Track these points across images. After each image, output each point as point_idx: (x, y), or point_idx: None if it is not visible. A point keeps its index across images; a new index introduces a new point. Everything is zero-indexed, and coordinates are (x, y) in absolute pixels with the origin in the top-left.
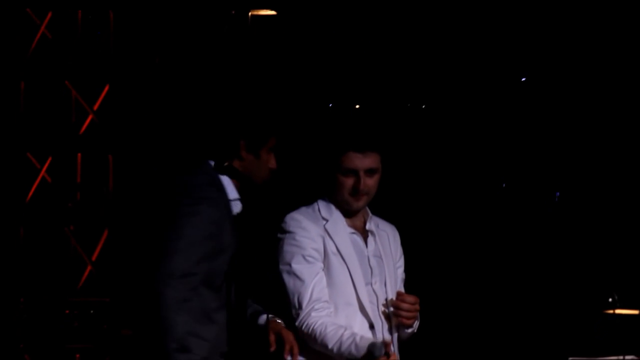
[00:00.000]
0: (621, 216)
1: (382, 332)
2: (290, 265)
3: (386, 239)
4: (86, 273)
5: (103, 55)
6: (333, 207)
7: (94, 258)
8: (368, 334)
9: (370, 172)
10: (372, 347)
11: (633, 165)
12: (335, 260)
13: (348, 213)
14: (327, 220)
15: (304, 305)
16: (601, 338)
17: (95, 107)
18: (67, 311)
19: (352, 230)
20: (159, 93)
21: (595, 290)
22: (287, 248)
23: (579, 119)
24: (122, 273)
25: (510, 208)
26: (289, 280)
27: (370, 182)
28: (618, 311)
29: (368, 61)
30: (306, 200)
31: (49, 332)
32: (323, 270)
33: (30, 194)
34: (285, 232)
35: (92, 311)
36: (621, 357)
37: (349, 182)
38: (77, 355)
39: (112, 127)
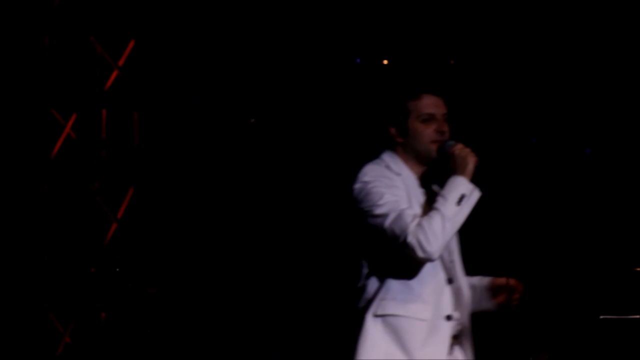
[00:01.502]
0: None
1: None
2: (381, 201)
3: None
4: (111, 231)
5: (128, 11)
6: (401, 163)
7: (119, 216)
8: (447, 290)
9: (446, 118)
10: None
11: None
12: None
13: (419, 171)
14: (400, 175)
15: (409, 219)
16: None
17: (121, 63)
18: (92, 269)
19: (422, 190)
20: (187, 49)
21: (627, 248)
22: (375, 190)
23: (612, 72)
24: (148, 231)
25: (540, 164)
26: (384, 209)
27: (448, 130)
28: None
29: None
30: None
31: (74, 291)
32: None
33: (55, 150)
34: (366, 181)
35: (117, 269)
36: None
37: (430, 128)
38: (103, 314)
39: (137, 83)
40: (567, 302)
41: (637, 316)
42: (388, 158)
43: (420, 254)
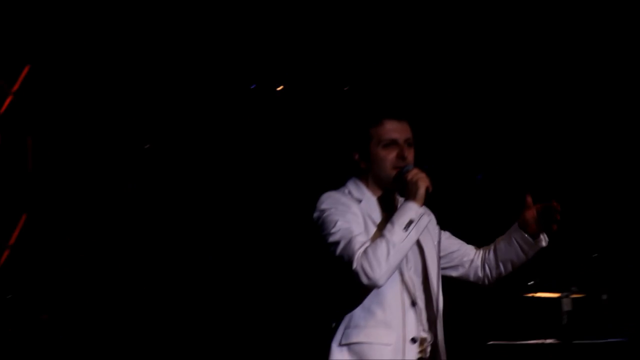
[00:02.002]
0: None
1: (422, 312)
2: (334, 229)
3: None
4: (3, 257)
5: (22, 36)
6: (364, 188)
7: (11, 242)
8: (411, 312)
9: (409, 143)
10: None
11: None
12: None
13: (382, 195)
14: (360, 201)
15: (356, 247)
16: None
17: (15, 89)
18: None
19: (384, 215)
20: (82, 73)
21: (516, 274)
22: (329, 219)
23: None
24: (41, 257)
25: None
26: (336, 236)
27: (411, 155)
28: (538, 294)
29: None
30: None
31: None
32: None
33: None
34: (323, 209)
35: (9, 296)
36: (541, 341)
37: (391, 154)
38: None
39: (31, 108)
40: (456, 327)
41: (525, 342)
42: (351, 184)
43: (364, 280)
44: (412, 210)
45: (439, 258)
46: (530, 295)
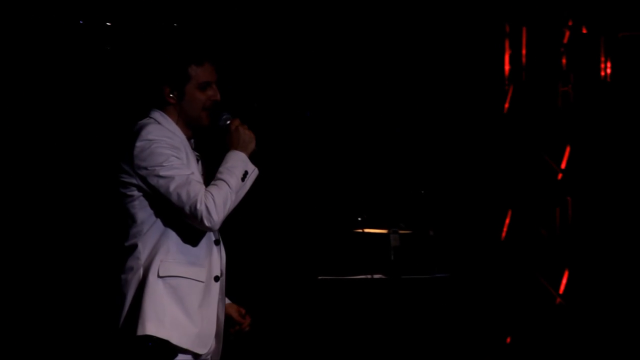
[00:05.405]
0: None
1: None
2: (166, 162)
3: (209, 159)
4: None
5: None
6: (173, 123)
7: None
8: (215, 250)
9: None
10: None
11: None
12: None
13: (191, 134)
14: (174, 134)
15: (197, 187)
16: None
17: None
18: None
19: (192, 154)
20: None
21: (345, 209)
22: (159, 151)
23: None
24: None
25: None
26: (169, 171)
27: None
28: (367, 230)
29: None
30: None
31: None
32: None
33: None
34: (150, 140)
35: None
36: (369, 276)
37: (205, 96)
38: None
39: None
40: (286, 263)
41: (354, 277)
42: (159, 117)
43: (206, 223)
44: (247, 162)
45: None
46: (359, 231)
